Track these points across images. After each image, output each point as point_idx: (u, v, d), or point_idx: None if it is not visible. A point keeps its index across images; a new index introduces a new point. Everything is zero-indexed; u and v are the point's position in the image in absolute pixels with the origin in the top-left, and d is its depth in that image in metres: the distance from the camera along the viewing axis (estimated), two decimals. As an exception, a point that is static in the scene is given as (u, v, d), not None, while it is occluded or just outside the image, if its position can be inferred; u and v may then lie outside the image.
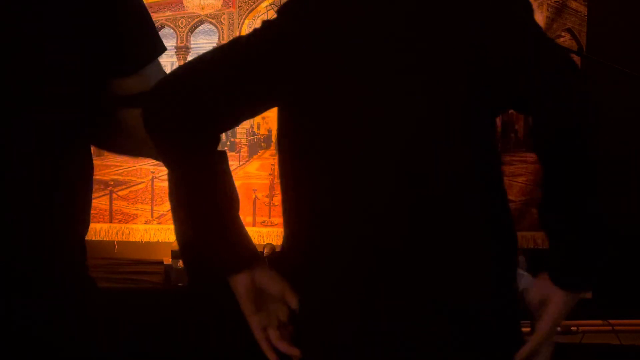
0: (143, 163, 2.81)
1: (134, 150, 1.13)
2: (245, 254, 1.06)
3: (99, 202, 2.69)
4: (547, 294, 1.05)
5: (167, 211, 2.82)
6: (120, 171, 2.77)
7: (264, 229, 2.78)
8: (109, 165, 2.71)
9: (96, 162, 1.06)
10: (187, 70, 1.07)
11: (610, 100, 2.92)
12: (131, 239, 2.77)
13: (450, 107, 1.02)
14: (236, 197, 1.08)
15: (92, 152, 1.05)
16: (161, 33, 2.83)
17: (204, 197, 1.06)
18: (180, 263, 2.45)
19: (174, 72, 1.07)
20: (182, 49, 2.80)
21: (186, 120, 1.02)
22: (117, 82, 0.97)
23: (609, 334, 2.70)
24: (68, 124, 0.95)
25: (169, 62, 2.70)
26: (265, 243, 2.61)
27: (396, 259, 1.02)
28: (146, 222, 2.81)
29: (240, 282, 1.05)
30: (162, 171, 2.83)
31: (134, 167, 2.80)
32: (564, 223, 1.05)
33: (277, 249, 2.37)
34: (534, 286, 1.07)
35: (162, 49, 1.02)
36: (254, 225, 2.79)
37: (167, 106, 1.01)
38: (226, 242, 1.06)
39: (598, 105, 1.04)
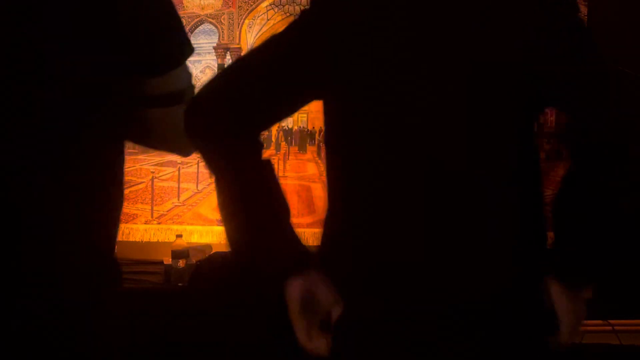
0: (143, 163, 2.80)
1: (161, 146, 1.16)
2: (301, 259, 1.06)
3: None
4: (555, 293, 1.05)
5: (167, 211, 2.82)
6: (120, 171, 2.78)
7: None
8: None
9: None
10: (226, 76, 1.09)
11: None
12: (131, 239, 2.77)
13: (480, 104, 1.01)
14: (286, 202, 1.08)
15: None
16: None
17: (258, 202, 1.06)
18: (181, 263, 2.44)
19: (214, 79, 1.08)
20: (182, 49, 2.80)
21: (231, 126, 1.03)
22: (149, 82, 0.99)
23: (609, 334, 2.70)
24: (99, 120, 0.97)
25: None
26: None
27: (418, 263, 1.03)
28: (146, 222, 2.81)
29: (295, 287, 1.04)
30: (162, 171, 2.83)
31: (134, 167, 2.80)
32: (579, 217, 1.04)
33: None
34: (544, 286, 1.07)
35: (192, 50, 1.04)
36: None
37: (209, 114, 1.03)
38: (282, 248, 1.07)
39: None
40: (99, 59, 0.95)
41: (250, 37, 2.80)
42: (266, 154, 2.83)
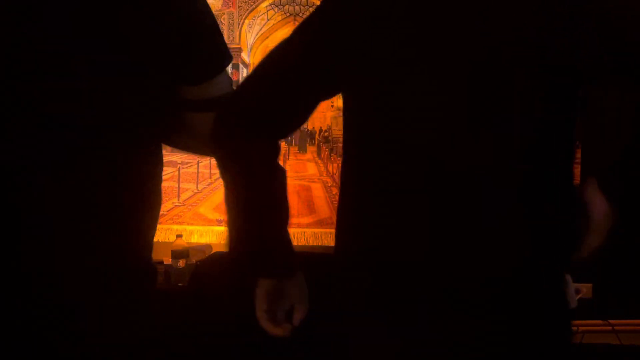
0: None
1: (197, 148, 1.23)
2: (284, 269, 1.13)
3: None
4: (592, 193, 1.06)
5: (167, 211, 2.82)
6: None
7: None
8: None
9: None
10: (246, 87, 1.13)
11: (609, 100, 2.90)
12: (131, 238, 2.77)
13: (487, 103, 1.01)
14: (288, 210, 1.15)
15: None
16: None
17: (263, 207, 1.12)
18: (181, 263, 2.44)
19: (236, 92, 1.12)
20: (182, 49, 2.80)
21: (253, 134, 1.08)
22: (189, 89, 1.04)
23: (609, 334, 2.70)
24: (143, 123, 1.02)
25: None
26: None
27: (424, 262, 1.04)
28: (146, 222, 2.81)
29: (265, 286, 1.12)
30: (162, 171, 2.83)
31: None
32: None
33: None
34: (578, 194, 1.08)
35: (230, 58, 1.09)
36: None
37: (234, 125, 1.08)
38: (271, 255, 1.13)
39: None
40: (142, 63, 0.98)
41: (250, 37, 2.79)
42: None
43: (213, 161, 2.98)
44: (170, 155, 2.78)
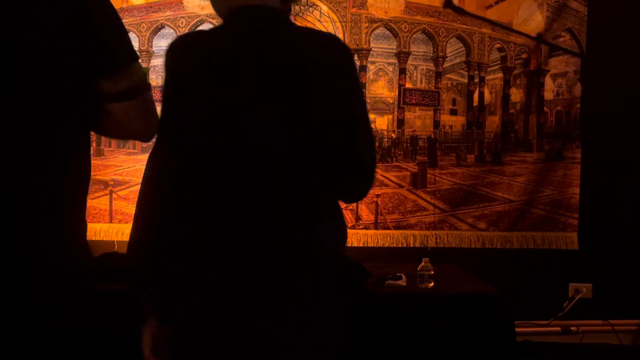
0: (143, 163, 2.81)
1: (121, 135, 1.39)
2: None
3: (99, 202, 2.69)
4: None
5: (167, 211, 2.83)
6: (120, 171, 2.77)
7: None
8: (109, 165, 2.71)
9: (96, 162, 1.13)
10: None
11: (609, 100, 2.92)
12: (131, 238, 2.77)
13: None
14: None
15: (91, 152, 1.23)
16: (161, 33, 2.83)
17: None
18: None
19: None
20: (182, 49, 2.80)
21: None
22: (107, 82, 1.21)
23: (609, 334, 2.71)
24: (68, 118, 1.17)
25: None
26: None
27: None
28: (146, 222, 2.81)
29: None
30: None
31: (134, 167, 2.80)
32: None
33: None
34: None
35: (137, 56, 1.28)
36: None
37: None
38: None
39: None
40: (73, 61, 1.16)
41: (250, 37, 2.79)
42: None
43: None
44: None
